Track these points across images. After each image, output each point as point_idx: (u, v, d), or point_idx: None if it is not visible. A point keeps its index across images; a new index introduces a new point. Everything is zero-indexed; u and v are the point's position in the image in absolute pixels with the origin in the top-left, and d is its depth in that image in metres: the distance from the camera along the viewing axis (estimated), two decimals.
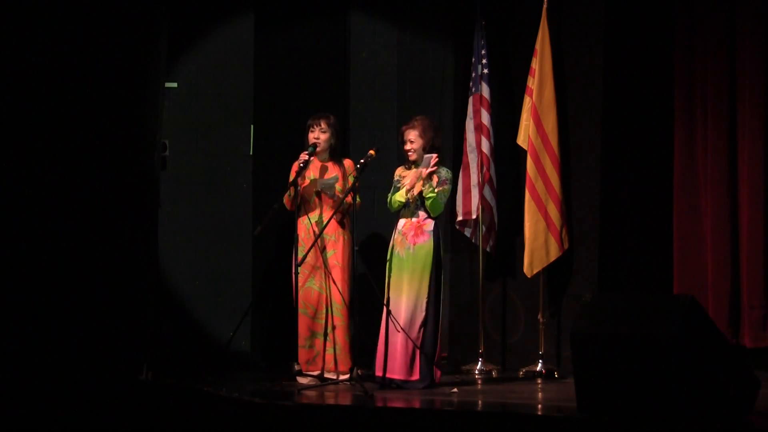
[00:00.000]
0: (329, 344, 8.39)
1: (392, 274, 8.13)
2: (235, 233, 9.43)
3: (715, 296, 8.47)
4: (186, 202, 9.36)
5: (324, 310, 8.42)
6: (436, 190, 8.03)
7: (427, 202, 8.03)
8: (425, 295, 8.01)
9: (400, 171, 8.32)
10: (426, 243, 8.06)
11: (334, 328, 8.39)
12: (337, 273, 8.43)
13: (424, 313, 8.00)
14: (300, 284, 8.27)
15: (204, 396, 7.61)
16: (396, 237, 8.18)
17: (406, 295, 8.04)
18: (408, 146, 8.19)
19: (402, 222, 8.17)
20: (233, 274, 9.41)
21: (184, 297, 9.28)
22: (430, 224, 8.09)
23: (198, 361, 8.80)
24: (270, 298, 9.34)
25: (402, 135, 8.25)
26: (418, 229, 8.10)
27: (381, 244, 9.60)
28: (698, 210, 8.61)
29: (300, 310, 8.24)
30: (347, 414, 7.05)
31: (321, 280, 8.43)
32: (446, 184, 8.10)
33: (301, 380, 8.13)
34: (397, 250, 8.14)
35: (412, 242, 8.10)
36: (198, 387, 7.77)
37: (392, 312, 8.01)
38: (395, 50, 9.97)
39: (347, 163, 8.61)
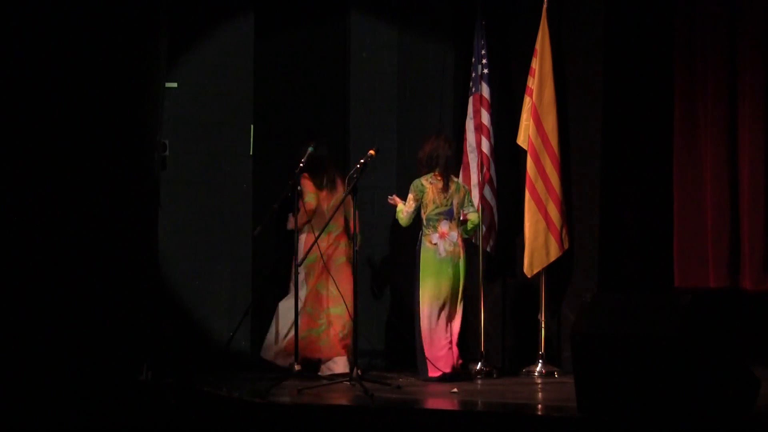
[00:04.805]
0: (323, 335, 8.61)
1: None
2: (235, 233, 9.43)
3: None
4: (186, 203, 9.36)
5: (324, 311, 8.52)
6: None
7: None
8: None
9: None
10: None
11: (330, 324, 8.58)
12: (338, 273, 8.56)
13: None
14: (303, 285, 8.49)
15: (204, 396, 7.61)
16: None
17: None
18: None
19: None
20: (233, 274, 9.41)
21: (184, 297, 9.28)
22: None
23: (198, 361, 8.79)
24: (270, 298, 9.32)
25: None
26: None
27: (381, 243, 9.62)
28: (699, 209, 8.61)
29: (306, 309, 8.49)
30: (347, 414, 7.05)
31: (322, 280, 8.48)
32: (407, 200, 8.58)
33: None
34: None
35: None
36: (198, 387, 7.77)
37: None
38: (395, 50, 9.96)
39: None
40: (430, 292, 8.47)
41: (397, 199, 8.64)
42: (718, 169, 8.54)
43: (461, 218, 8.60)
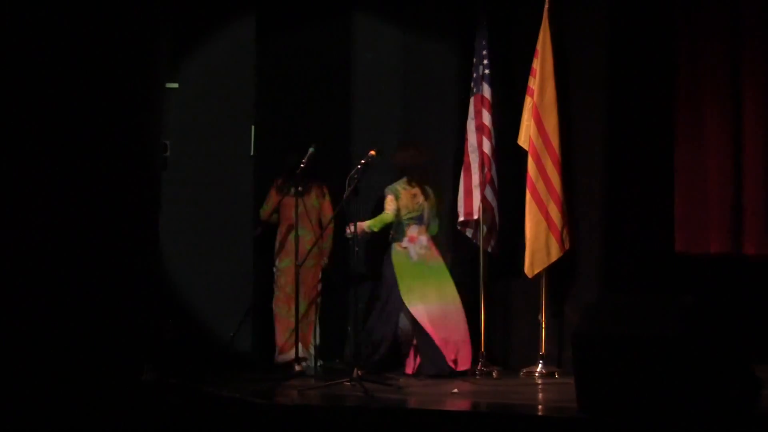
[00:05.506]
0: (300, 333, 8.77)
1: None
2: (236, 234, 9.44)
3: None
4: (187, 203, 9.38)
5: (292, 310, 8.73)
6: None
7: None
8: None
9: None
10: None
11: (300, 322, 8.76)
12: (306, 275, 8.87)
13: None
14: (281, 285, 8.92)
15: (205, 396, 7.61)
16: None
17: None
18: None
19: None
20: (234, 274, 9.42)
21: (185, 297, 9.28)
22: None
23: (199, 361, 8.80)
24: (271, 299, 9.32)
25: None
26: None
27: (380, 243, 9.62)
28: (701, 209, 8.62)
29: (281, 312, 8.84)
30: (348, 414, 7.05)
31: (292, 284, 8.74)
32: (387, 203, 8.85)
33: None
34: None
35: None
36: (199, 387, 7.77)
37: None
38: (399, 51, 9.95)
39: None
40: (412, 293, 8.70)
41: (360, 223, 8.69)
42: (721, 167, 8.55)
43: None
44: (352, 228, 8.55)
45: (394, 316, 8.73)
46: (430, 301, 8.71)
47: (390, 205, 8.84)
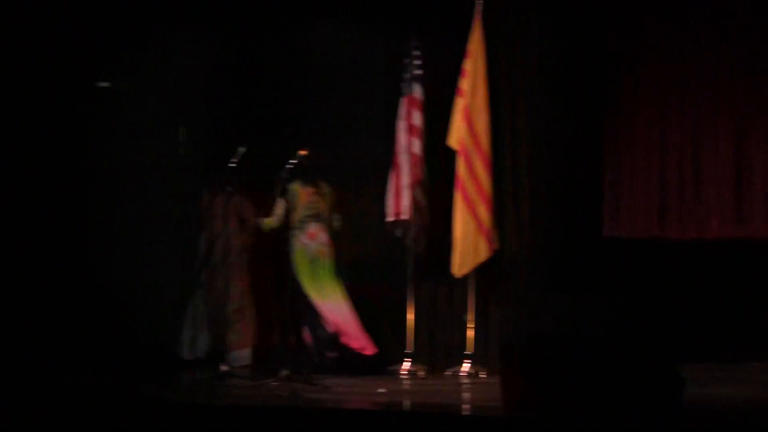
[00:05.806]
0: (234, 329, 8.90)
1: None
2: (168, 234, 9.40)
3: None
4: (129, 205, 9.34)
5: (228, 306, 8.83)
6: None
7: None
8: None
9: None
10: None
11: (237, 319, 8.90)
12: (238, 271, 8.96)
13: None
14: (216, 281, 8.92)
15: (134, 398, 7.53)
16: None
17: None
18: None
19: None
20: (164, 274, 9.37)
21: (119, 298, 9.22)
22: None
23: (145, 366, 8.72)
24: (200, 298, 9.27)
25: None
26: None
27: None
28: (630, 199, 8.81)
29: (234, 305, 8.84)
30: (272, 414, 6.99)
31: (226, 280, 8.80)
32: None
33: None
34: None
35: None
36: (148, 393, 7.68)
37: None
38: (331, 51, 9.93)
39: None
40: (312, 289, 8.80)
41: (262, 219, 8.85)
42: (648, 138, 8.89)
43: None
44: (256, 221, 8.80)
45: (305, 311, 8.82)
46: (328, 296, 8.82)
47: (277, 207, 8.84)
